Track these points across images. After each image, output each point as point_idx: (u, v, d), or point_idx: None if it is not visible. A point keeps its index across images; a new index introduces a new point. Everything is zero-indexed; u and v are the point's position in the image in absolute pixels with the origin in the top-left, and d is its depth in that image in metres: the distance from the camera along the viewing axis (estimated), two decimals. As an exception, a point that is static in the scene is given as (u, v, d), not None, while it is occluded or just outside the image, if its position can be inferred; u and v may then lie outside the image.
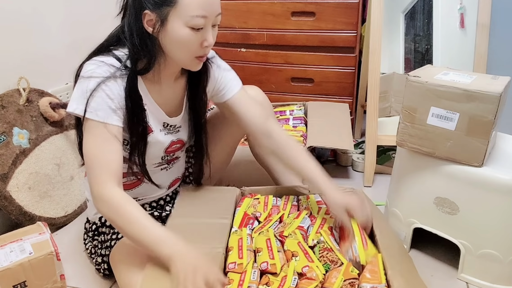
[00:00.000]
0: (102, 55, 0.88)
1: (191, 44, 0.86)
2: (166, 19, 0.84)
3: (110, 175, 0.84)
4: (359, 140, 1.89)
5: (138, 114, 0.91)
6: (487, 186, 0.97)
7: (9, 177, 1.15)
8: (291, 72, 1.83)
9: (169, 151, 1.04)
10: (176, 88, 1.01)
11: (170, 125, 1.01)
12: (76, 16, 1.51)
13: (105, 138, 0.85)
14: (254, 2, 1.76)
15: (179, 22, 0.84)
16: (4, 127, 1.18)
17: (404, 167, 1.13)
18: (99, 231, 1.05)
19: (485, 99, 0.93)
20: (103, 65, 0.86)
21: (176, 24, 0.84)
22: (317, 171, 0.98)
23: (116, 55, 0.89)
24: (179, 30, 0.84)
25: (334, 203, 0.94)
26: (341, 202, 0.92)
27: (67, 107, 0.87)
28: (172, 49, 0.88)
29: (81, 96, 0.85)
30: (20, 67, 1.29)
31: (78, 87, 0.87)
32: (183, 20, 0.83)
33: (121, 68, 0.88)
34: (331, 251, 0.87)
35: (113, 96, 0.86)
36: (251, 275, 0.81)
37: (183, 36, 0.85)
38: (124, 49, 0.90)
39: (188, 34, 0.85)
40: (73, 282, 1.05)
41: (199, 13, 0.83)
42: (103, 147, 0.85)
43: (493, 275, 1.02)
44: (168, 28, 0.85)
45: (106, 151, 0.85)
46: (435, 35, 1.57)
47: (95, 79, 0.85)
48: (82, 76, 0.86)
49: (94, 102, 0.84)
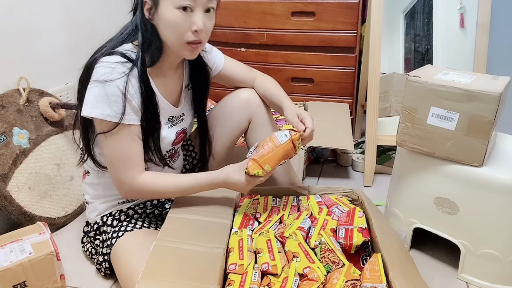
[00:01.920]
0: (109, 56, 0.90)
1: (180, 26, 0.89)
2: (158, 2, 0.88)
3: (137, 168, 0.93)
4: (359, 140, 1.89)
5: (153, 111, 0.95)
6: (487, 186, 0.97)
7: (9, 177, 1.15)
8: (291, 72, 1.83)
9: (176, 143, 1.09)
10: (176, 78, 1.05)
11: (175, 117, 1.06)
12: (76, 16, 1.51)
13: (128, 138, 0.91)
14: (254, 2, 1.76)
15: (169, 4, 0.87)
16: (4, 127, 1.18)
17: (404, 167, 1.13)
18: (100, 230, 1.06)
19: (485, 99, 0.93)
20: (117, 67, 0.88)
21: (166, 6, 0.87)
22: (282, 94, 1.16)
23: (122, 52, 0.90)
24: (168, 12, 0.88)
25: (291, 110, 1.07)
26: (296, 110, 1.06)
27: (81, 111, 0.90)
28: (165, 33, 0.91)
29: (98, 100, 0.87)
30: (20, 67, 1.29)
31: (92, 91, 0.88)
32: (172, 1, 0.87)
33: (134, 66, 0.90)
34: (333, 252, 0.87)
35: (131, 94, 0.89)
36: (252, 276, 0.81)
37: (172, 18, 0.88)
38: (127, 45, 0.93)
39: (177, 15, 0.87)
40: (73, 282, 1.05)
41: None
42: (128, 147, 0.91)
43: (493, 275, 1.02)
44: (159, 12, 0.88)
45: (130, 150, 0.92)
46: (435, 35, 1.57)
47: (113, 83, 0.86)
48: (96, 80, 0.87)
49: (115, 105, 0.87)
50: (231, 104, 1.19)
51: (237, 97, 1.19)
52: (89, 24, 1.56)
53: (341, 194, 1.11)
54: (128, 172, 0.92)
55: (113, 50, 0.90)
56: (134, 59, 0.91)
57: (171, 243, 0.87)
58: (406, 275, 0.80)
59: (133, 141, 0.92)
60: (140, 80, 0.91)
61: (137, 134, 0.93)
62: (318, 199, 1.08)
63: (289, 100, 1.14)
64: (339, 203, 1.06)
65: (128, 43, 0.93)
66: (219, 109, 1.21)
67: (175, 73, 1.04)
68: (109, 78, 0.86)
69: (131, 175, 0.92)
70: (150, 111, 0.94)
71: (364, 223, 0.95)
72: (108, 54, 0.90)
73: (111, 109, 0.87)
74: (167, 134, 1.03)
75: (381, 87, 1.51)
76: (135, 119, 0.91)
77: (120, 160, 0.91)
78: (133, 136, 0.92)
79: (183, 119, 1.09)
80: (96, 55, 0.91)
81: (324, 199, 1.09)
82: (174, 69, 1.03)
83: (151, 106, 0.94)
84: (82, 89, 0.92)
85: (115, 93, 0.87)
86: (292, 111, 1.06)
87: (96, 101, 0.87)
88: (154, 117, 0.96)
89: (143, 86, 0.92)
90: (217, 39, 1.84)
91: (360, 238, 0.90)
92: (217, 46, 1.23)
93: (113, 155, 0.91)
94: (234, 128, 1.19)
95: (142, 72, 0.91)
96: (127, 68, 0.89)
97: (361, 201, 1.06)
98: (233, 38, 1.85)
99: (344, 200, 1.08)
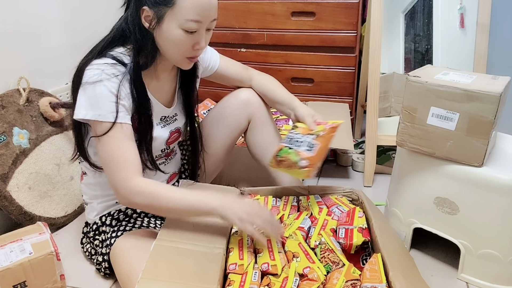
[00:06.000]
0: (100, 58, 0.90)
1: (182, 46, 0.90)
2: (163, 18, 0.87)
3: (133, 169, 0.89)
4: (359, 140, 1.89)
5: (145, 111, 0.95)
6: (487, 186, 0.97)
7: (9, 177, 1.15)
8: (291, 72, 1.83)
9: (170, 142, 1.08)
10: (170, 80, 1.05)
11: (167, 117, 1.05)
12: (76, 16, 1.51)
13: (123, 137, 0.89)
14: (254, 2, 1.76)
15: (174, 23, 0.86)
16: (4, 127, 1.18)
17: (404, 167, 1.13)
18: (99, 230, 1.06)
19: (485, 99, 0.93)
20: (106, 68, 0.88)
21: (171, 24, 0.87)
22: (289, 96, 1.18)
23: (113, 55, 0.91)
24: (172, 31, 0.87)
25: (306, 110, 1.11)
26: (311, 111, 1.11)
27: (74, 114, 0.90)
28: (165, 47, 0.91)
29: (90, 102, 0.87)
30: (20, 67, 1.29)
31: (84, 94, 0.88)
32: (177, 22, 0.86)
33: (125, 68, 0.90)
34: (333, 252, 0.87)
35: (122, 96, 0.89)
36: (252, 276, 0.81)
37: (175, 37, 0.88)
38: (119, 48, 0.93)
39: (180, 35, 0.88)
40: (73, 282, 1.05)
41: (194, 18, 0.86)
42: (123, 146, 0.89)
43: (493, 275, 1.02)
44: (163, 27, 0.88)
45: (125, 149, 0.89)
46: (435, 35, 1.57)
47: (102, 83, 0.87)
48: (86, 82, 0.87)
49: (107, 106, 0.87)
50: (230, 104, 1.19)
51: (236, 97, 1.19)
52: (89, 24, 1.56)
53: (341, 194, 1.11)
54: (121, 172, 0.88)
55: (104, 52, 0.91)
56: (127, 63, 0.91)
57: (171, 243, 0.87)
58: (406, 275, 0.80)
59: (127, 140, 0.90)
60: (133, 84, 0.91)
61: (130, 134, 0.91)
62: (318, 199, 1.08)
63: (297, 99, 1.16)
64: (339, 203, 1.06)
65: (119, 47, 0.93)
66: (219, 109, 1.21)
67: (170, 75, 1.04)
68: (98, 79, 0.87)
69: (125, 176, 0.88)
70: (143, 114, 0.94)
71: (364, 223, 0.95)
72: (98, 56, 0.90)
73: (102, 109, 0.87)
74: (160, 134, 1.03)
75: (381, 87, 1.51)
76: (127, 118, 0.90)
77: (114, 160, 0.89)
78: (127, 135, 0.90)
79: (176, 119, 1.09)
80: (88, 57, 0.91)
81: (324, 199, 1.09)
82: (169, 71, 1.03)
83: (143, 110, 0.94)
84: (73, 90, 0.93)
85: (105, 94, 0.87)
86: (307, 111, 1.10)
87: (88, 104, 0.88)
88: (147, 120, 0.96)
89: (136, 90, 0.91)
90: (217, 40, 1.84)
91: (360, 238, 0.90)
92: (217, 47, 1.24)
93: (107, 156, 0.89)
94: (234, 128, 1.19)
95: (136, 76, 0.91)
96: (117, 70, 0.89)
97: (361, 201, 1.06)
98: (233, 38, 1.85)
99: (344, 200, 1.08)
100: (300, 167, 0.96)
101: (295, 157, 0.97)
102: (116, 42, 0.93)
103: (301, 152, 0.98)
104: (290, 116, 1.16)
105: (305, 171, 0.96)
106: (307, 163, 0.96)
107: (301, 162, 0.96)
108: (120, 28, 0.92)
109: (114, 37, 0.93)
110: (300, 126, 1.08)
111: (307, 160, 0.96)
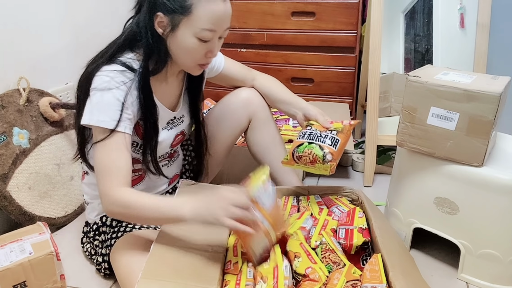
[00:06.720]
0: (109, 64, 0.90)
1: (196, 53, 0.90)
2: (177, 26, 0.87)
3: (119, 179, 0.87)
4: (359, 140, 1.89)
5: (151, 117, 0.95)
6: (487, 186, 0.97)
7: (9, 177, 1.15)
8: (291, 72, 1.83)
9: (174, 145, 1.09)
10: (177, 83, 1.05)
11: (175, 118, 1.06)
12: (77, 16, 1.50)
13: (118, 146, 0.88)
14: (254, 2, 1.76)
15: (189, 32, 0.87)
16: (4, 127, 1.18)
17: (404, 167, 1.13)
18: (100, 231, 1.06)
19: (485, 99, 0.93)
20: (115, 76, 0.88)
21: (185, 32, 0.87)
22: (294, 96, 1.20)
23: (122, 61, 0.91)
24: (186, 39, 0.88)
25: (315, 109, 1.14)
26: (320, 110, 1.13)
27: (82, 120, 0.89)
28: (178, 54, 0.92)
29: (95, 108, 0.88)
30: (20, 67, 1.29)
31: (91, 100, 0.88)
32: (192, 30, 0.87)
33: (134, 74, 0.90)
34: (333, 252, 0.87)
35: (128, 104, 0.89)
36: (247, 274, 0.81)
37: (189, 45, 0.89)
38: (128, 53, 0.93)
39: (194, 43, 0.88)
40: (73, 282, 1.05)
41: (209, 27, 0.87)
42: (115, 156, 0.88)
43: (493, 275, 1.02)
44: (177, 35, 0.88)
45: (117, 159, 0.88)
46: (435, 35, 1.57)
47: (110, 91, 0.87)
48: (95, 88, 0.88)
49: (111, 112, 0.87)
50: (231, 104, 1.19)
51: (237, 96, 1.19)
52: (90, 24, 1.56)
53: (341, 194, 1.11)
54: (107, 181, 0.86)
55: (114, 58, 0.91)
56: (136, 69, 0.91)
57: (171, 243, 0.87)
58: (406, 275, 0.80)
59: (121, 150, 0.88)
60: (140, 90, 0.91)
61: (127, 145, 0.90)
62: (318, 199, 1.08)
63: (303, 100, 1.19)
64: (339, 203, 1.06)
65: (128, 52, 0.93)
66: (219, 109, 1.21)
67: (177, 78, 1.05)
68: (108, 87, 0.87)
69: (109, 185, 0.86)
70: (149, 120, 0.95)
71: (364, 223, 0.95)
72: (108, 62, 0.90)
73: (105, 115, 0.87)
74: (165, 138, 1.03)
75: (381, 87, 1.51)
76: (128, 128, 0.90)
77: (104, 167, 0.87)
78: (123, 146, 0.89)
79: (183, 121, 1.09)
80: (98, 62, 0.91)
81: (324, 199, 1.09)
82: (176, 74, 1.04)
83: (149, 116, 0.95)
84: (80, 94, 0.93)
85: (111, 101, 0.87)
86: (317, 110, 1.13)
87: (93, 109, 0.88)
88: (153, 126, 0.96)
89: (143, 96, 0.92)
90: (217, 39, 1.84)
91: (360, 239, 0.90)
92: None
93: (98, 162, 0.89)
94: (234, 127, 1.19)
95: (144, 82, 0.91)
96: (126, 78, 0.89)
97: (361, 201, 1.06)
98: (233, 39, 1.85)
99: (344, 200, 1.08)
100: (326, 161, 0.99)
101: (320, 152, 1.00)
102: (125, 46, 0.93)
103: (326, 146, 1.00)
104: (296, 116, 1.17)
105: (329, 166, 1.00)
106: (331, 158, 0.99)
107: (328, 156, 0.99)
108: (131, 32, 0.92)
109: (125, 41, 0.92)
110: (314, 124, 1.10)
111: (331, 155, 0.99)
